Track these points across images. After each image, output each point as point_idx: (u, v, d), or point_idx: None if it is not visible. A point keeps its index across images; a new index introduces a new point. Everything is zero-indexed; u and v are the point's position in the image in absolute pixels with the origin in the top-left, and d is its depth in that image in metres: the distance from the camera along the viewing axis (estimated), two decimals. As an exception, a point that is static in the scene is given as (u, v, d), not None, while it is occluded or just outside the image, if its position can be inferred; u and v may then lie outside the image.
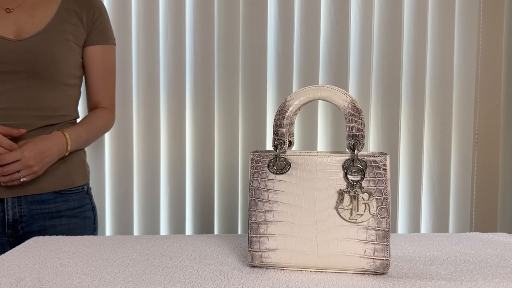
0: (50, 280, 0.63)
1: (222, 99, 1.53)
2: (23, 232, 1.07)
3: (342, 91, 0.65)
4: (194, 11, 1.51)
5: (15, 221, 1.06)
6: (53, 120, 1.09)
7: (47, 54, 1.06)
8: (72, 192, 1.13)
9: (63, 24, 1.10)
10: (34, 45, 1.05)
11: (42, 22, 1.08)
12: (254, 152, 0.68)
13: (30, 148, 0.97)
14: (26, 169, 0.97)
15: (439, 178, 1.55)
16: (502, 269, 0.67)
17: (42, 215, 1.08)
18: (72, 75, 1.13)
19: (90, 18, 1.14)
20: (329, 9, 1.51)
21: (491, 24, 1.55)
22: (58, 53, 1.07)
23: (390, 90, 1.52)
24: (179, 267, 0.68)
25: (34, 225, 1.08)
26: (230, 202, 1.55)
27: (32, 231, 1.08)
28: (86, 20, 1.14)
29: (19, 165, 0.96)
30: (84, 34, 1.14)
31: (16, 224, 1.07)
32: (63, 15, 1.11)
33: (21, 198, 1.06)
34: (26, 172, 0.98)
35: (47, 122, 1.08)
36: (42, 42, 1.06)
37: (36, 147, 0.98)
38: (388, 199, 0.63)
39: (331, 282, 0.62)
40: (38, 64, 1.05)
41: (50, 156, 1.02)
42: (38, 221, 1.08)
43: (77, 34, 1.12)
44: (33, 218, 1.08)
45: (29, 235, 1.06)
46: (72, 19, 1.12)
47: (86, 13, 1.14)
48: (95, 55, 1.16)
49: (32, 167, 0.98)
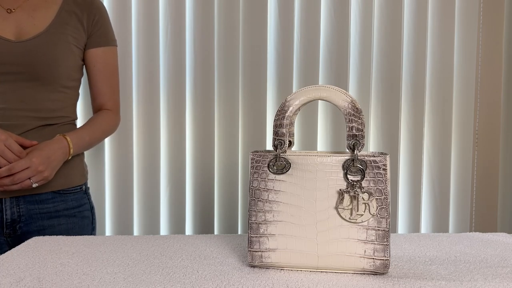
0: (50, 280, 0.63)
1: (222, 99, 1.53)
2: (21, 232, 1.08)
3: (342, 91, 0.65)
4: (194, 11, 1.51)
5: (13, 221, 1.06)
6: (51, 121, 1.10)
7: (47, 56, 1.06)
8: (70, 192, 1.13)
9: (63, 26, 1.10)
10: (34, 47, 1.05)
11: (43, 24, 1.08)
12: (254, 152, 0.68)
13: (37, 154, 0.98)
14: (37, 175, 0.98)
15: (439, 178, 1.55)
16: (502, 269, 0.67)
17: (41, 215, 1.08)
18: (71, 77, 1.13)
19: (90, 20, 1.14)
20: (329, 9, 1.51)
21: (491, 24, 1.55)
22: (58, 55, 1.07)
23: (390, 90, 1.52)
24: (179, 267, 0.68)
25: (33, 225, 1.08)
26: (230, 202, 1.55)
27: (31, 231, 1.08)
28: (87, 23, 1.14)
29: (29, 172, 0.97)
30: (85, 36, 1.14)
31: (15, 224, 1.07)
32: (63, 17, 1.11)
33: (19, 198, 1.06)
34: (37, 178, 0.98)
35: (44, 122, 1.08)
36: (42, 44, 1.06)
37: (42, 153, 0.99)
38: (388, 199, 0.63)
39: (331, 282, 0.61)
40: (37, 66, 1.05)
41: (56, 160, 1.02)
42: (36, 221, 1.08)
43: (77, 37, 1.12)
44: (32, 218, 1.08)
45: (27, 235, 1.07)
46: (73, 21, 1.11)
47: (87, 16, 1.14)
48: (97, 57, 1.16)
49: (43, 172, 0.99)
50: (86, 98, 1.39)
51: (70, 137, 1.06)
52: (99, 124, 1.16)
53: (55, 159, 1.02)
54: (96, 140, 1.17)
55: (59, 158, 1.03)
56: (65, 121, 1.13)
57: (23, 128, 1.05)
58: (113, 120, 1.21)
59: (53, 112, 1.10)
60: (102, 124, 1.17)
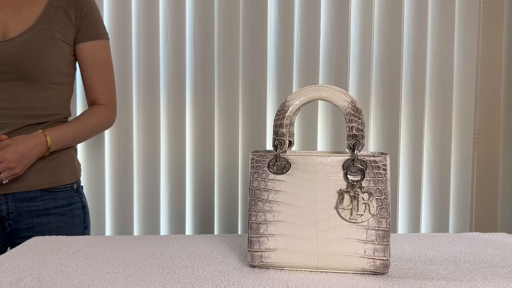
0: (50, 280, 0.63)
1: (222, 99, 1.53)
2: (10, 229, 1.08)
3: (342, 91, 0.65)
4: (194, 11, 1.51)
5: (2, 218, 1.06)
6: (42, 119, 1.09)
7: (33, 54, 1.05)
8: (60, 190, 1.12)
9: (50, 22, 1.08)
10: (19, 46, 1.04)
11: (29, 21, 1.07)
12: (254, 152, 0.68)
13: (12, 150, 0.97)
14: (7, 170, 0.98)
15: (439, 178, 1.55)
16: (502, 269, 0.67)
17: (30, 212, 1.08)
18: (61, 73, 1.12)
19: (78, 14, 1.12)
20: (329, 9, 1.51)
21: (491, 24, 1.55)
22: (43, 53, 1.06)
23: (390, 90, 1.52)
24: (179, 267, 0.68)
25: (22, 223, 1.08)
26: (230, 202, 1.55)
27: (20, 228, 1.08)
28: (74, 17, 1.12)
29: (0, 167, 0.96)
30: (73, 31, 1.12)
31: (3, 221, 1.07)
32: (50, 12, 1.09)
33: (8, 196, 1.06)
34: (7, 173, 0.98)
35: (35, 121, 1.08)
36: (27, 42, 1.05)
37: (18, 149, 0.98)
38: (388, 199, 0.63)
39: (331, 282, 0.61)
40: (24, 65, 1.04)
41: (30, 157, 1.02)
42: (25, 219, 1.08)
43: (64, 32, 1.10)
44: (20, 215, 1.08)
45: (16, 232, 1.07)
46: (60, 17, 1.10)
47: (74, 10, 1.12)
48: (87, 51, 1.15)
49: (14, 168, 0.98)
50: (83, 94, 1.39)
51: (51, 134, 1.05)
52: (86, 120, 1.15)
53: (29, 157, 1.01)
54: (82, 136, 1.16)
55: (34, 155, 1.03)
56: (56, 119, 1.13)
57: (13, 127, 1.05)
58: (105, 115, 1.19)
59: (44, 110, 1.09)
60: (90, 120, 1.15)
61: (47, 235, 0.94)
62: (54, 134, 1.06)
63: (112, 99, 1.21)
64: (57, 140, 1.07)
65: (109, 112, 1.20)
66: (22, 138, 1.01)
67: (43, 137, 1.04)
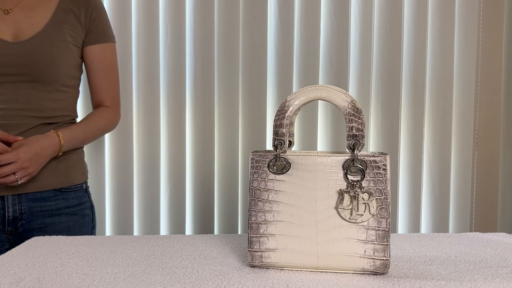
0: (50, 280, 0.63)
1: (222, 99, 1.53)
2: (23, 229, 1.08)
3: (342, 91, 0.65)
4: (194, 11, 1.51)
5: (15, 218, 1.07)
6: (52, 120, 1.10)
7: (45, 57, 1.06)
8: (71, 190, 1.13)
9: (60, 25, 1.09)
10: (31, 48, 1.05)
11: (40, 24, 1.08)
12: (254, 152, 0.68)
13: (26, 150, 0.98)
14: (21, 170, 0.98)
15: (439, 178, 1.55)
16: (502, 269, 0.67)
17: (42, 212, 1.09)
18: (71, 76, 1.13)
19: (88, 17, 1.14)
20: (329, 9, 1.51)
21: (491, 24, 1.55)
22: (56, 55, 1.07)
23: (390, 90, 1.52)
24: (179, 267, 0.68)
25: (34, 223, 1.08)
26: (230, 202, 1.55)
27: (32, 228, 1.08)
28: (84, 20, 1.13)
29: (14, 167, 0.96)
30: (83, 34, 1.14)
31: (16, 221, 1.07)
32: (60, 15, 1.10)
33: (21, 196, 1.06)
34: (22, 173, 0.98)
35: (45, 121, 1.09)
36: (39, 44, 1.06)
37: (31, 149, 0.99)
38: (388, 199, 0.63)
39: (331, 282, 0.62)
40: (36, 67, 1.05)
41: (44, 157, 1.02)
42: (38, 219, 1.08)
43: (75, 35, 1.12)
44: (33, 215, 1.08)
45: (29, 232, 1.07)
46: (70, 20, 1.11)
47: (84, 13, 1.13)
48: (95, 54, 1.16)
49: (28, 168, 0.99)
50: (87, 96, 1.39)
51: (63, 133, 1.06)
52: (95, 122, 1.16)
53: (43, 156, 1.02)
54: (91, 137, 1.17)
55: (47, 155, 1.03)
56: (65, 120, 1.14)
57: (24, 127, 1.05)
58: (111, 117, 1.20)
59: (54, 111, 1.10)
60: (99, 122, 1.17)
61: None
62: (66, 134, 1.07)
63: (117, 101, 1.23)
64: (68, 140, 1.08)
65: (114, 114, 1.21)
66: (36, 138, 1.02)
67: (56, 136, 1.05)
